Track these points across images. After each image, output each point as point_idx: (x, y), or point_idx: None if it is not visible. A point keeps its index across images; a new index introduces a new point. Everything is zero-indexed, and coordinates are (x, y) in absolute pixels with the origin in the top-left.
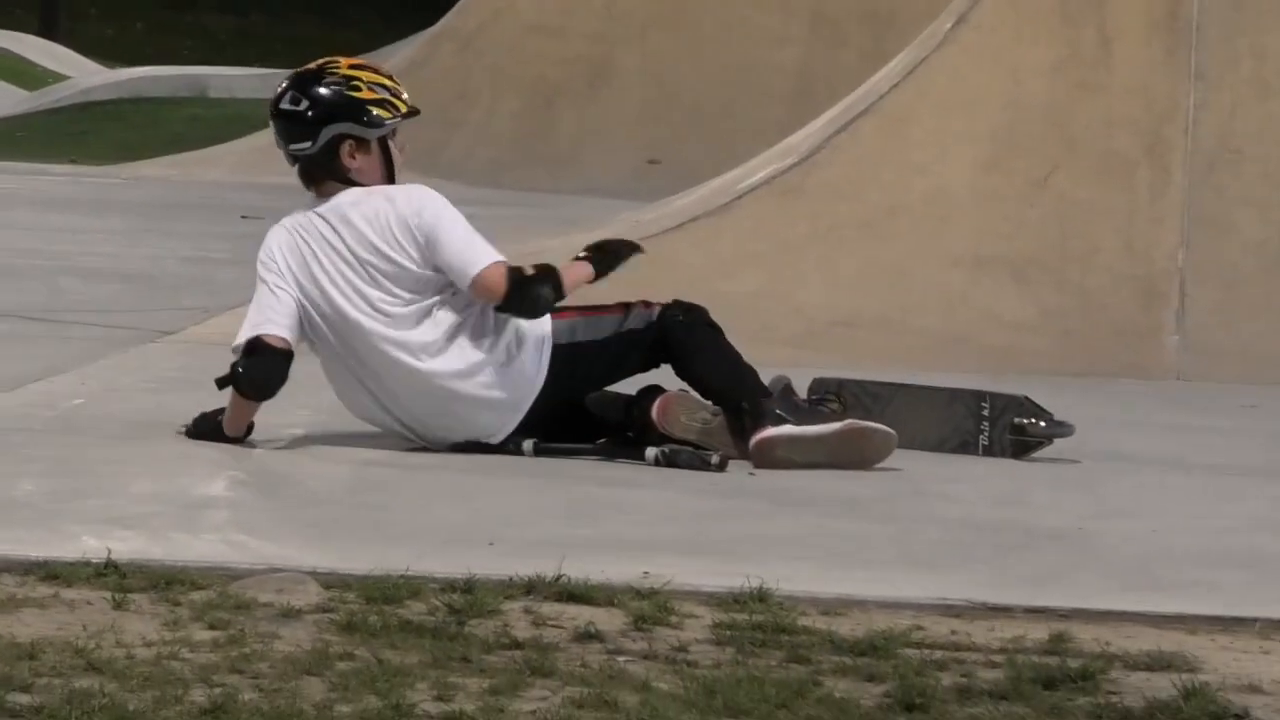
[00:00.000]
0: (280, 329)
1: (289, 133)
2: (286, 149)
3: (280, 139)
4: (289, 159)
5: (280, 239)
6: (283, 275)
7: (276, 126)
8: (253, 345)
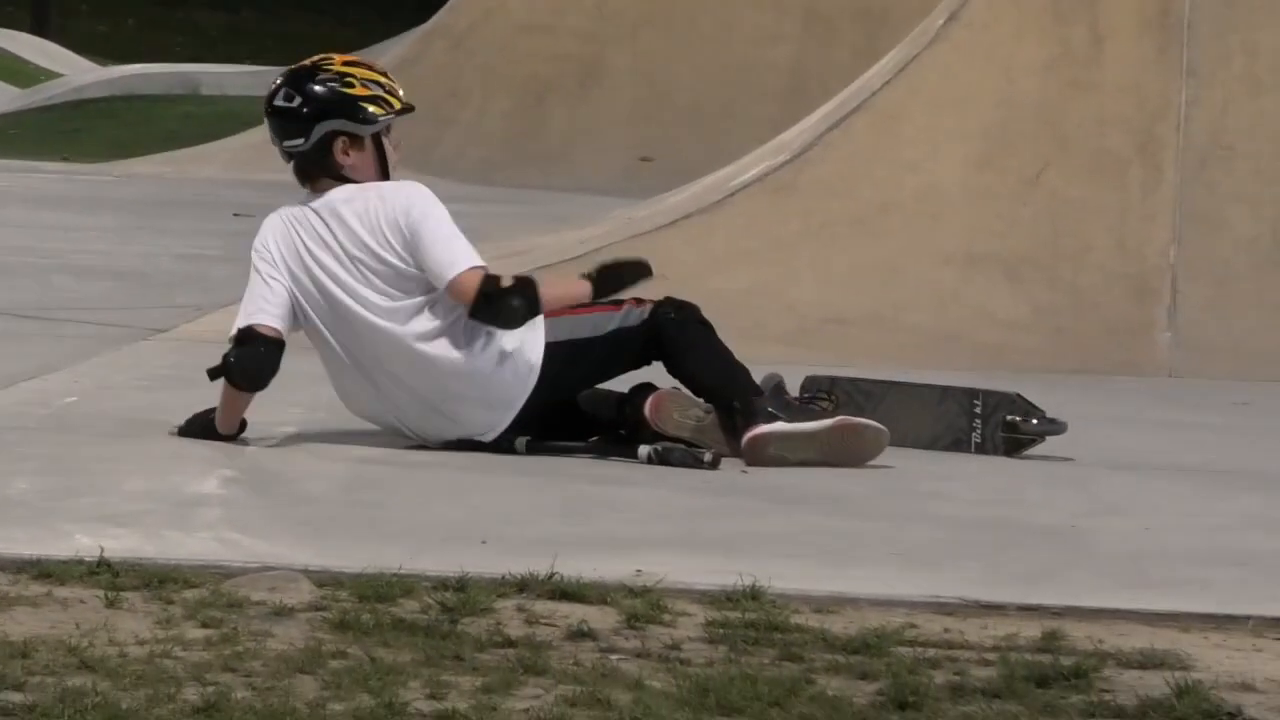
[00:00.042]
0: (272, 319)
1: (283, 129)
2: (281, 146)
3: (274, 136)
4: (284, 156)
5: (275, 228)
6: (275, 265)
7: (271, 123)
8: (244, 335)
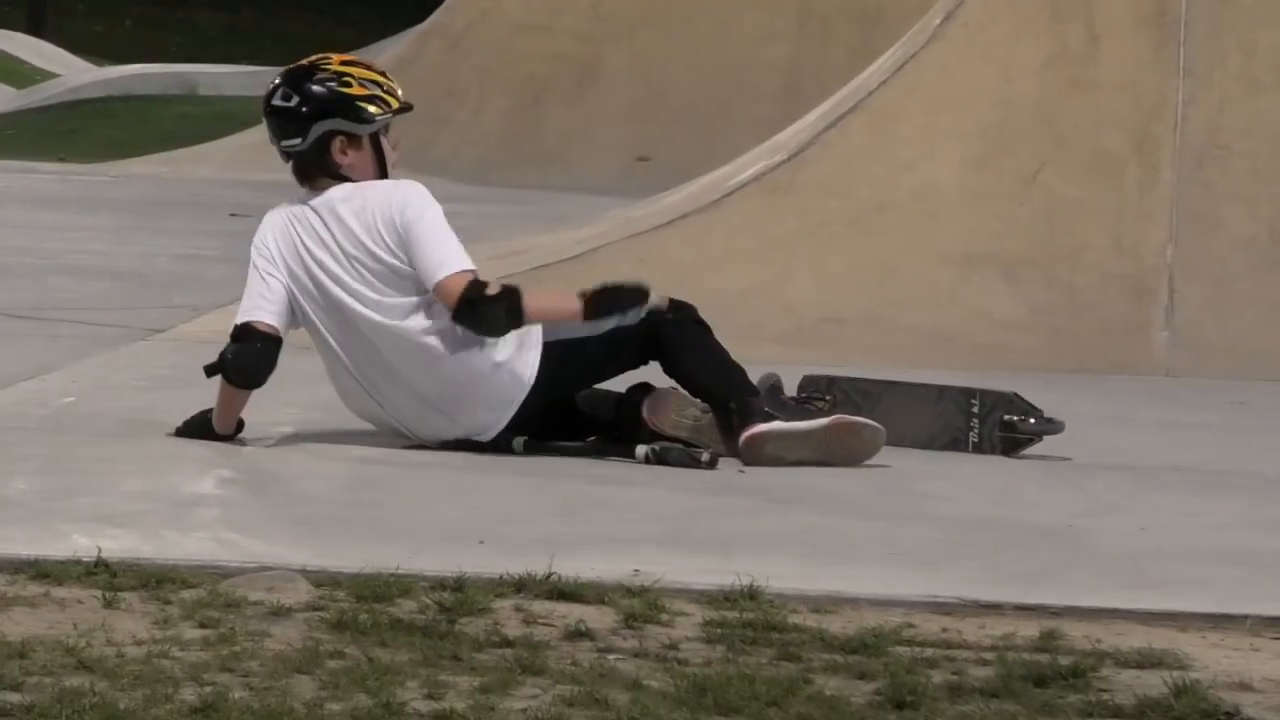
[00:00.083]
0: (269, 315)
1: (281, 129)
2: (279, 145)
3: (273, 136)
4: (282, 156)
5: (274, 225)
6: (273, 261)
7: (269, 123)
8: (241, 331)
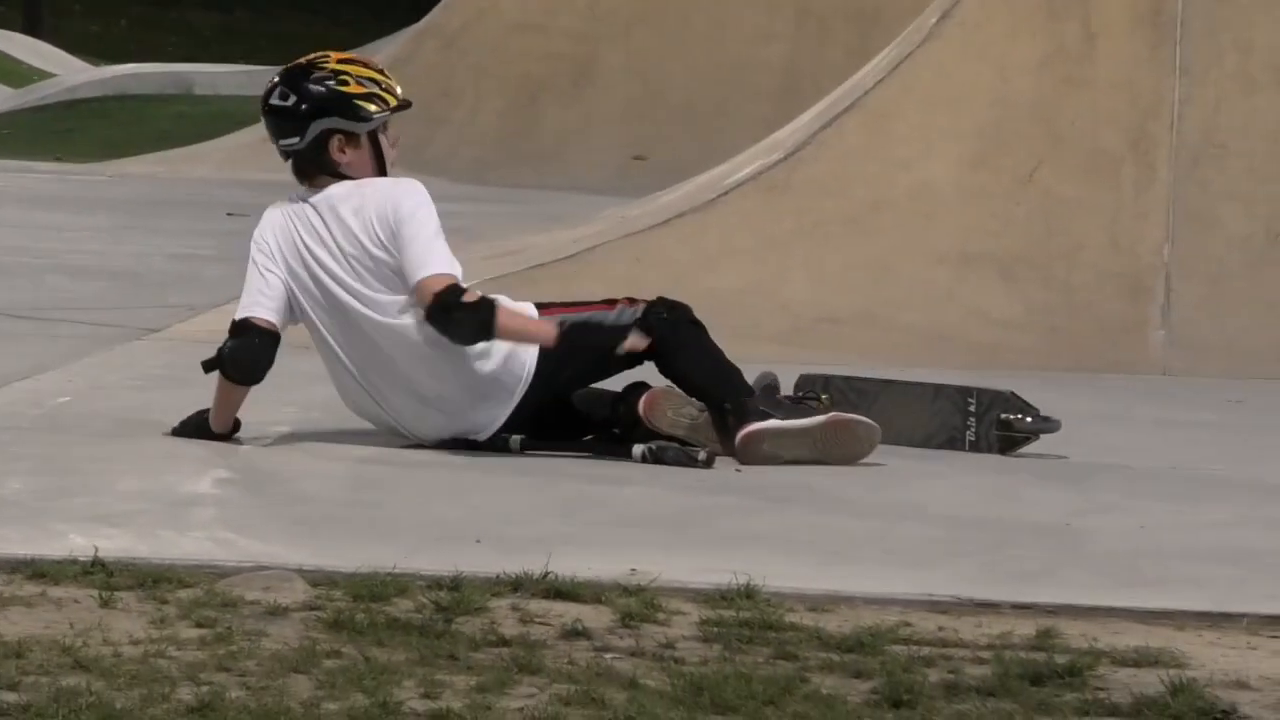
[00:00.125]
0: (267, 311)
1: (279, 128)
2: (278, 144)
3: (271, 135)
4: (281, 154)
5: (274, 221)
6: (272, 257)
7: (267, 122)
8: (239, 326)
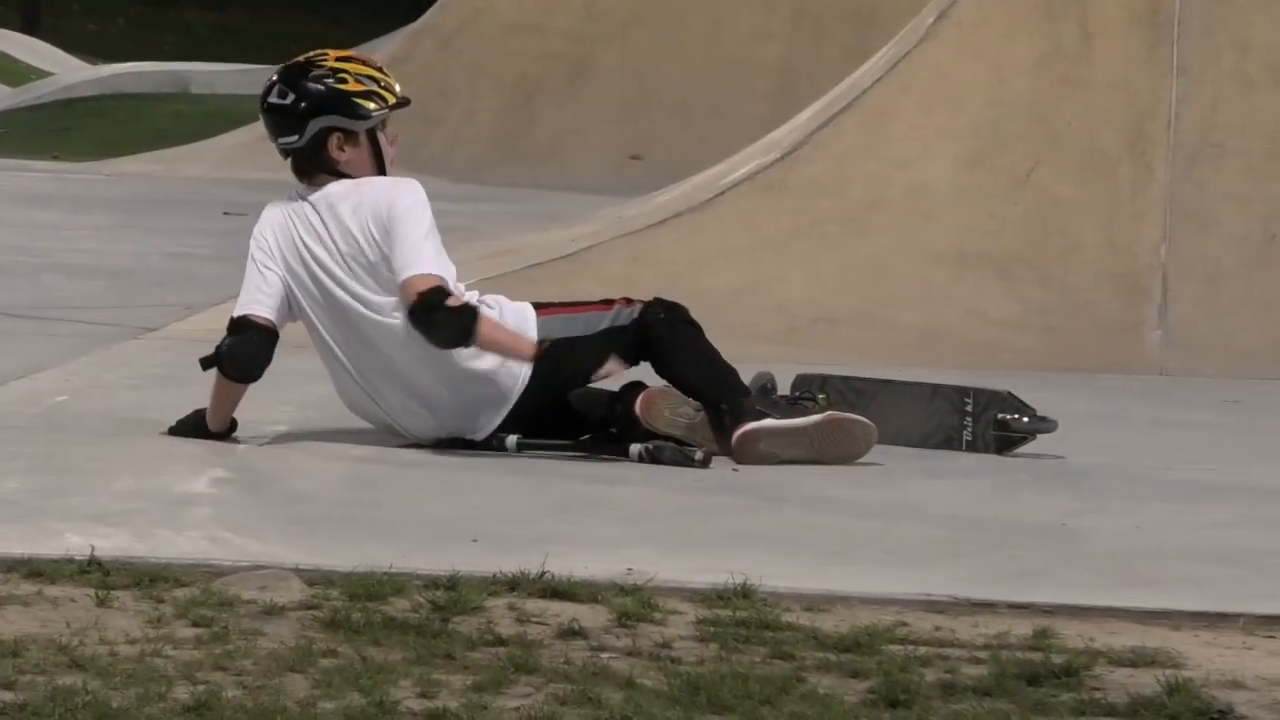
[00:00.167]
0: (265, 309)
1: (277, 126)
2: (276, 143)
3: (270, 133)
4: (280, 153)
5: (273, 219)
6: (271, 255)
7: (266, 120)
8: (238, 324)
